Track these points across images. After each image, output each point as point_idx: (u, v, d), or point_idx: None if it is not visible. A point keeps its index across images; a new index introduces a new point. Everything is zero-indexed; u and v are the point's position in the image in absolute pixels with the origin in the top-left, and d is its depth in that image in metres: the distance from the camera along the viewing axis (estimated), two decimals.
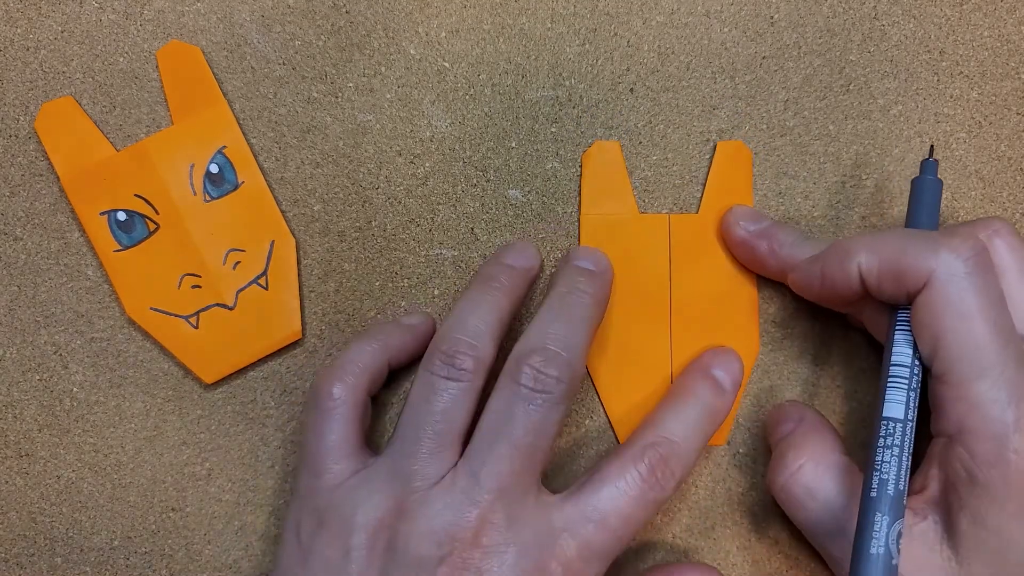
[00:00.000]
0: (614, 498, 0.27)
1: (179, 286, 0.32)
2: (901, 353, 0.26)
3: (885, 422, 0.26)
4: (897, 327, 0.27)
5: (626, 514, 0.27)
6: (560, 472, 0.32)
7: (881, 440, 0.25)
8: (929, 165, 0.28)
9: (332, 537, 0.27)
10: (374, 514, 0.26)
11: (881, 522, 0.24)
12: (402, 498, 0.26)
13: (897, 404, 0.26)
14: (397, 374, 0.32)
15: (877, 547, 0.24)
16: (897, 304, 0.27)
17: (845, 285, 0.27)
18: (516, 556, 0.26)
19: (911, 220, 0.28)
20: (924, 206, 0.28)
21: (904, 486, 0.25)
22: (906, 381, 0.26)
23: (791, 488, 0.28)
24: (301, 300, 0.32)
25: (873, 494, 0.25)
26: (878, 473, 0.25)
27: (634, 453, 0.27)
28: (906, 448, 0.25)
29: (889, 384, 0.26)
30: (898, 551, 0.24)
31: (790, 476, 0.28)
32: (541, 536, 0.26)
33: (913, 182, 0.29)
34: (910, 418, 0.26)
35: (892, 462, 0.25)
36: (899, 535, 0.24)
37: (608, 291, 0.31)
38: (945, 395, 0.25)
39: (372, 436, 0.32)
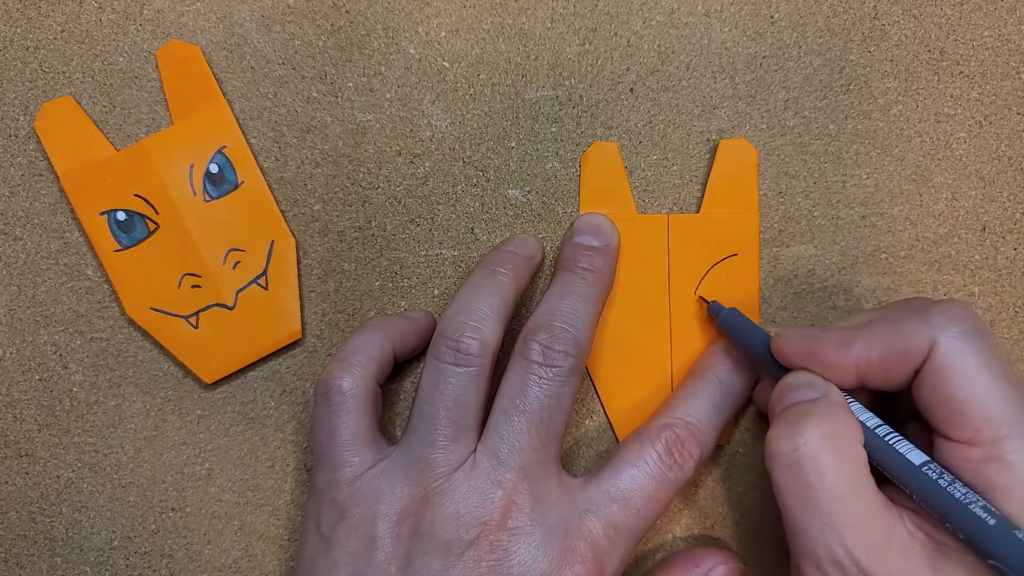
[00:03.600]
0: (635, 478, 0.27)
1: (179, 286, 0.32)
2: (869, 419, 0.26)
3: (927, 467, 0.24)
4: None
5: (648, 493, 0.27)
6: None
7: (941, 480, 0.24)
8: (713, 306, 0.30)
9: (355, 527, 0.27)
10: (398, 503, 0.27)
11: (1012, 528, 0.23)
12: (425, 485, 0.27)
13: (916, 451, 0.25)
14: (404, 365, 0.32)
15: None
16: (892, 388, 0.26)
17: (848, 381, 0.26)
18: (542, 537, 0.26)
19: (748, 340, 0.29)
20: (747, 328, 0.29)
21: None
22: (895, 434, 0.26)
23: (799, 458, 0.25)
24: (301, 300, 0.32)
25: (989, 519, 0.23)
26: (968, 500, 0.23)
27: (651, 433, 0.28)
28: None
29: (893, 442, 0.25)
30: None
31: (803, 444, 0.25)
32: (566, 517, 0.26)
33: (720, 321, 0.30)
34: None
35: (960, 487, 0.24)
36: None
37: (614, 262, 0.31)
38: (971, 456, 0.24)
39: (385, 427, 0.32)
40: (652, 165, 0.33)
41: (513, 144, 0.33)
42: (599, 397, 0.32)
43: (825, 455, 0.24)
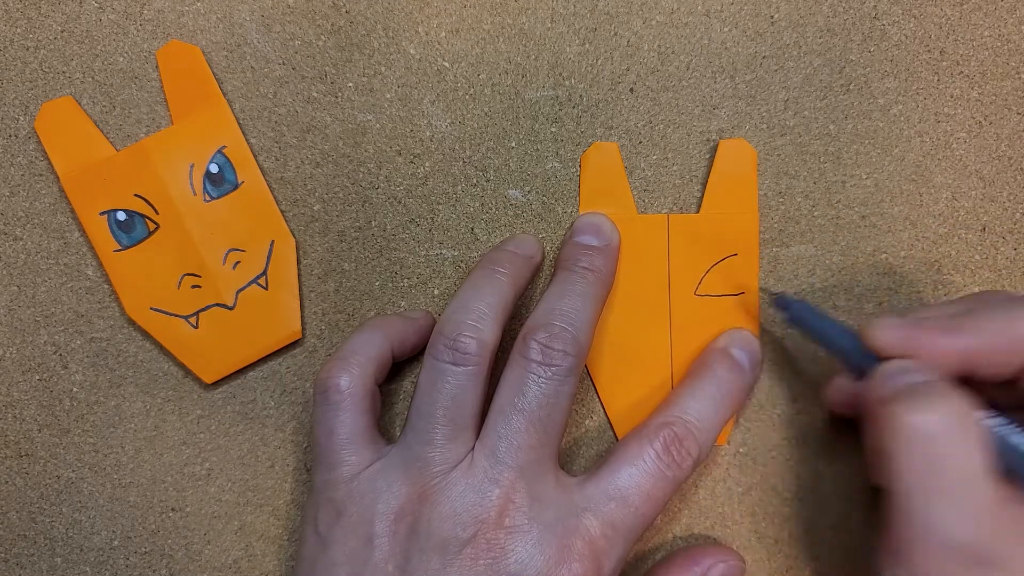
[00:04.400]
0: (633, 476, 0.27)
1: (179, 286, 0.32)
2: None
3: None
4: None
5: (646, 492, 0.27)
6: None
7: None
8: (780, 299, 0.30)
9: (353, 526, 0.27)
10: (395, 502, 0.27)
11: None
12: (422, 484, 0.27)
13: None
14: (403, 365, 0.32)
15: None
16: (995, 379, 0.26)
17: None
18: (540, 535, 0.26)
19: (828, 332, 0.28)
20: (824, 320, 0.28)
21: None
22: (1012, 423, 0.25)
23: (933, 433, 0.23)
24: (301, 300, 0.32)
25: None
26: None
27: (649, 432, 0.28)
28: None
29: (1009, 434, 0.25)
30: None
31: (938, 420, 0.23)
32: (564, 515, 0.26)
33: (793, 314, 0.29)
34: None
35: None
36: None
37: (614, 262, 0.31)
38: None
39: (384, 426, 0.32)
40: (652, 165, 0.33)
41: (513, 144, 0.33)
42: (599, 397, 0.32)
43: (957, 433, 0.23)
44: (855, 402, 0.28)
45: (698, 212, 0.32)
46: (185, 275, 0.32)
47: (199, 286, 0.32)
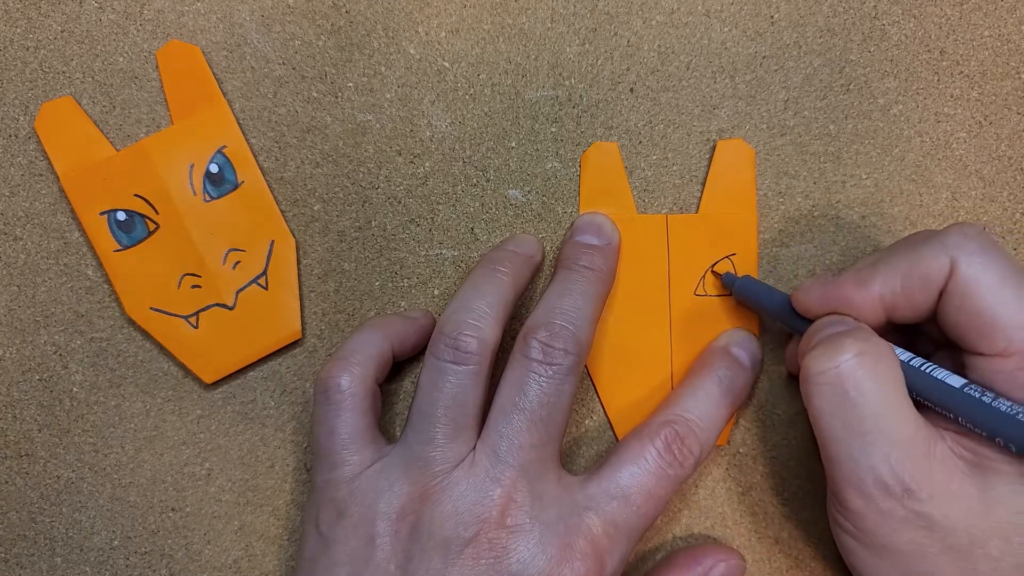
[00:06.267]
0: (635, 475, 0.27)
1: (179, 286, 0.32)
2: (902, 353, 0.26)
3: (968, 388, 0.25)
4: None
5: (648, 490, 0.27)
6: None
7: (984, 397, 0.24)
8: (727, 277, 0.31)
9: (355, 526, 0.27)
10: (397, 501, 0.27)
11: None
12: (424, 483, 0.27)
13: (953, 375, 0.25)
14: (403, 365, 0.32)
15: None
16: (916, 318, 0.26)
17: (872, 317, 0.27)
18: (541, 534, 0.26)
19: (767, 302, 0.30)
20: (764, 291, 0.30)
21: None
22: (930, 363, 0.26)
23: (840, 376, 0.24)
24: (301, 300, 0.32)
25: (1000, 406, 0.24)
26: (1015, 412, 0.24)
27: (651, 431, 0.28)
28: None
29: (929, 371, 0.25)
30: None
31: (844, 362, 0.24)
32: (565, 514, 0.26)
33: (736, 289, 0.31)
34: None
35: (1004, 400, 0.24)
36: None
37: (615, 261, 0.31)
38: (1005, 368, 0.24)
39: (384, 426, 0.32)
40: (652, 165, 0.33)
41: (513, 144, 0.33)
42: (599, 396, 0.32)
43: (866, 372, 0.24)
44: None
45: (697, 212, 0.32)
46: (185, 275, 0.32)
47: (199, 286, 0.32)
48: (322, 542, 0.27)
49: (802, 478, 0.32)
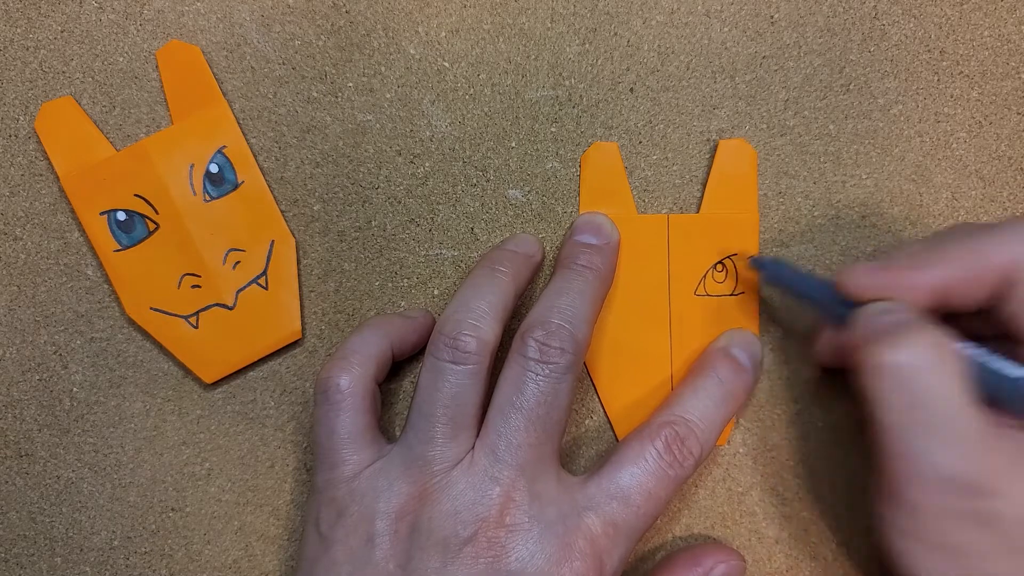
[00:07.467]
0: (635, 475, 0.27)
1: (179, 286, 0.32)
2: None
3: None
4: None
5: (648, 491, 0.27)
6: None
7: None
8: (755, 260, 0.30)
9: (354, 526, 0.27)
10: (396, 501, 0.27)
11: None
12: (423, 483, 0.27)
13: (1011, 365, 0.25)
14: (403, 365, 0.32)
15: None
16: (967, 309, 0.26)
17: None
18: (541, 534, 0.26)
19: (803, 286, 0.29)
20: (799, 275, 0.29)
21: None
22: (989, 354, 0.25)
23: (910, 369, 0.23)
24: (301, 300, 0.32)
25: None
26: None
27: (651, 431, 0.28)
28: None
29: (988, 361, 0.25)
30: None
31: (914, 355, 0.23)
32: (565, 514, 0.26)
33: (768, 272, 0.30)
34: None
35: None
36: None
37: (614, 260, 0.31)
38: None
39: (384, 426, 0.32)
40: (652, 165, 0.33)
41: (513, 144, 0.33)
42: (599, 396, 0.32)
43: (935, 365, 0.24)
44: (841, 352, 0.28)
45: (698, 212, 0.32)
46: (185, 275, 0.32)
47: (199, 286, 0.32)
48: (322, 542, 0.27)
49: (802, 478, 0.32)
